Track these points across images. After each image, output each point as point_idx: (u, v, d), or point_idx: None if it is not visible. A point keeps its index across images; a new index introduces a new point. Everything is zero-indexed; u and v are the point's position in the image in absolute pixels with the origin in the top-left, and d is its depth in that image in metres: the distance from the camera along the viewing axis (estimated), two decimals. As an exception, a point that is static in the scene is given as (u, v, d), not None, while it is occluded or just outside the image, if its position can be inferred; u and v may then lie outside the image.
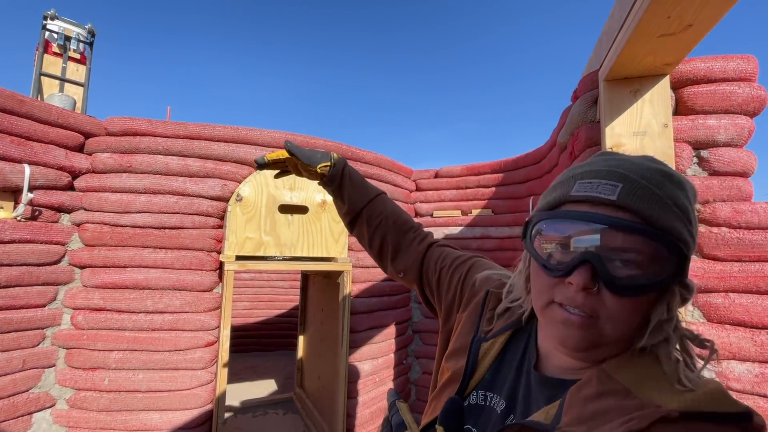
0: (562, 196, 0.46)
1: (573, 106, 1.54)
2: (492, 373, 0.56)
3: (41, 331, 1.93)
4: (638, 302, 0.42)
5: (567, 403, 0.42)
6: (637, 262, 0.41)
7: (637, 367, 0.42)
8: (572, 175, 0.48)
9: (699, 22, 0.93)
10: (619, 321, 0.42)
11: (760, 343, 1.10)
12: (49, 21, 3.46)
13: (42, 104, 1.94)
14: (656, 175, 0.43)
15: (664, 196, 0.42)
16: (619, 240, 0.41)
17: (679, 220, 0.42)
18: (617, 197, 0.42)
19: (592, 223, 0.42)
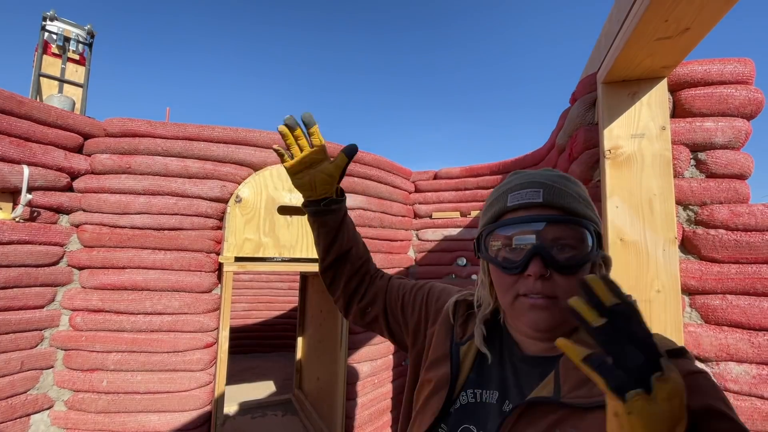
0: (501, 209, 0.58)
1: (571, 108, 1.55)
2: (476, 372, 0.62)
3: (40, 332, 1.92)
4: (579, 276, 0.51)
5: (562, 375, 0.50)
6: (570, 245, 0.54)
7: None
8: (503, 191, 0.59)
9: (696, 25, 0.93)
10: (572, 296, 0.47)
11: (757, 345, 1.11)
12: (48, 22, 3.46)
13: (41, 105, 1.94)
14: (560, 179, 0.57)
15: (572, 192, 0.56)
16: (554, 231, 0.53)
17: (587, 207, 0.56)
18: (543, 199, 0.54)
19: (532, 223, 0.54)
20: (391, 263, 2.83)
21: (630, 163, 1.22)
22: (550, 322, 0.53)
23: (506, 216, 0.57)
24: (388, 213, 2.86)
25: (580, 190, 0.58)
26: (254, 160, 2.31)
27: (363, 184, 2.67)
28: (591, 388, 0.46)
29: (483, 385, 0.59)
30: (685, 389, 0.38)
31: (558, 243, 0.53)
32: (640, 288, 1.18)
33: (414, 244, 3.14)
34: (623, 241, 1.20)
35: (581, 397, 0.46)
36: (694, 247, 1.20)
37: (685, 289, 1.19)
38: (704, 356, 1.15)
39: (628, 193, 1.22)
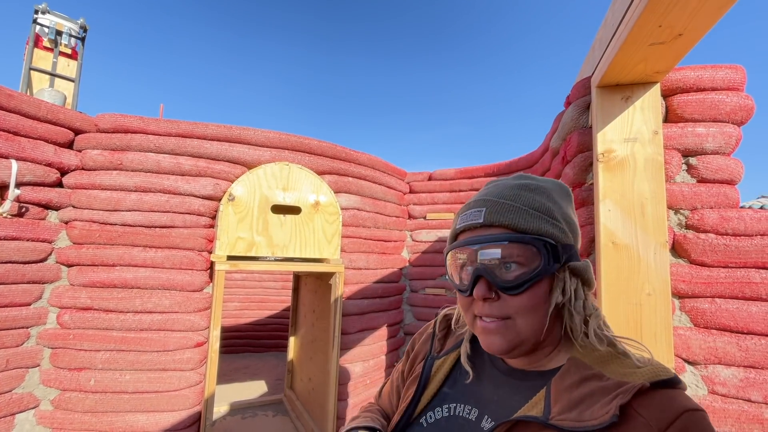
0: (454, 231, 0.57)
1: (566, 111, 1.56)
2: (450, 386, 0.60)
3: (26, 330, 1.89)
4: (535, 294, 0.50)
5: (553, 394, 0.48)
6: (518, 263, 0.51)
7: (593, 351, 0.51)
8: (458, 212, 0.58)
9: (689, 31, 0.94)
10: (526, 314, 0.50)
11: (745, 348, 1.12)
12: (40, 15, 3.40)
13: (31, 99, 1.91)
14: (513, 191, 0.54)
15: (520, 206, 0.52)
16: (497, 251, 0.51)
17: (539, 219, 0.52)
18: (483, 219, 0.52)
19: (471, 245, 0.53)
20: (384, 264, 2.82)
21: (623, 167, 1.23)
22: (503, 345, 0.51)
23: (459, 237, 0.57)
24: (382, 213, 2.86)
25: (539, 200, 0.53)
26: (248, 159, 2.30)
27: (357, 184, 2.67)
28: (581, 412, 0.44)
29: (458, 399, 0.57)
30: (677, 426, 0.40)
31: (503, 261, 0.51)
32: (631, 291, 1.18)
33: (408, 244, 3.14)
34: (615, 244, 1.21)
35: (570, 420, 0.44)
36: (684, 251, 1.21)
37: (675, 292, 1.20)
38: (693, 359, 1.16)
39: (620, 196, 1.23)
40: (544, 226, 0.52)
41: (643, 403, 0.42)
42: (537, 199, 0.54)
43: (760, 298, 1.14)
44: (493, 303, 0.51)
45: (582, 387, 0.46)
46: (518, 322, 0.51)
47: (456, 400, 0.57)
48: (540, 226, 0.52)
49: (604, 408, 0.43)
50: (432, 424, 0.57)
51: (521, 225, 0.51)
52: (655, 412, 0.42)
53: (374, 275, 2.73)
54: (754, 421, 1.09)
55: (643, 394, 0.43)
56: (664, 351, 1.15)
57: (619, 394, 0.43)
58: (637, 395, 0.43)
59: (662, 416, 0.41)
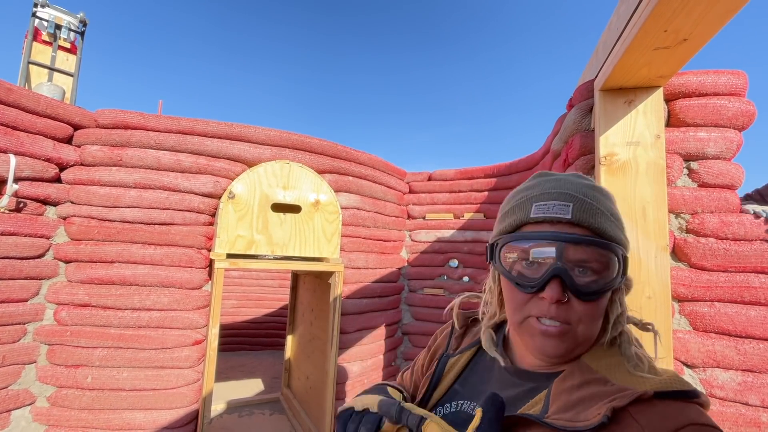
0: (523, 219, 0.52)
1: (568, 114, 1.56)
2: (461, 384, 0.60)
3: (23, 326, 1.88)
4: (599, 303, 0.50)
5: (553, 394, 0.48)
6: (594, 270, 0.49)
7: (608, 357, 0.50)
8: (526, 198, 0.53)
9: (694, 37, 0.95)
10: (588, 323, 0.49)
11: (743, 352, 1.13)
12: (39, 8, 3.38)
13: (30, 93, 1.90)
14: (592, 191, 0.51)
15: (603, 209, 0.50)
16: (579, 253, 0.49)
17: (617, 227, 0.51)
18: (572, 215, 0.49)
19: (556, 240, 0.49)
20: (383, 263, 2.82)
21: (625, 171, 1.24)
22: (560, 350, 0.49)
23: (527, 227, 0.52)
24: (381, 213, 2.86)
25: (612, 207, 0.52)
26: (248, 157, 2.29)
27: (357, 184, 2.67)
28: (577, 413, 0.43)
29: (465, 397, 0.58)
30: None
31: (581, 266, 0.49)
32: (631, 294, 1.18)
33: (407, 244, 3.15)
34: (616, 248, 1.21)
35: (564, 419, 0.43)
36: (685, 255, 1.22)
37: (675, 296, 1.21)
38: (692, 363, 1.17)
39: (622, 199, 1.23)
40: (620, 235, 0.51)
41: (643, 410, 0.40)
42: (611, 205, 0.52)
43: (759, 302, 1.15)
44: (560, 306, 0.48)
45: (582, 389, 0.46)
46: (578, 330, 0.49)
47: (464, 398, 0.58)
48: (618, 235, 0.50)
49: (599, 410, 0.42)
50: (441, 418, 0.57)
51: (607, 231, 0.49)
52: (653, 419, 0.39)
53: (373, 275, 2.73)
54: (751, 425, 1.10)
55: (645, 402, 0.41)
56: (663, 354, 1.16)
57: (615, 398, 0.42)
58: (638, 403, 0.41)
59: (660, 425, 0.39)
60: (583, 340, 0.50)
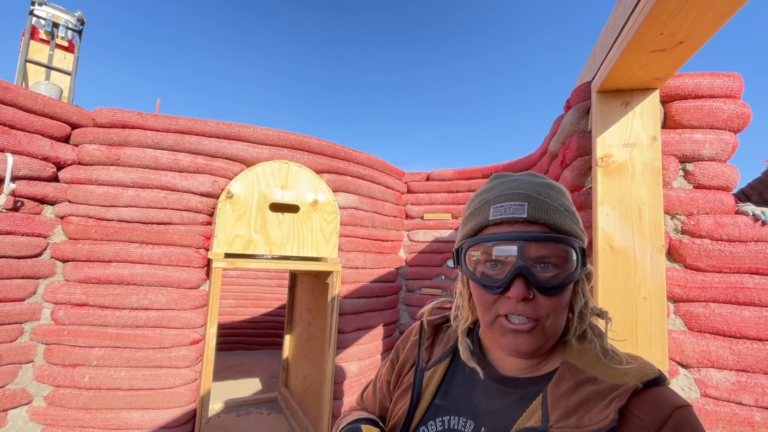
0: (482, 222, 0.54)
1: (565, 115, 1.57)
2: (442, 397, 0.58)
3: (20, 325, 1.87)
4: (563, 296, 0.51)
5: (550, 402, 0.48)
6: (555, 264, 0.50)
7: (586, 353, 0.52)
8: (485, 201, 0.55)
9: (690, 39, 0.96)
10: (555, 316, 0.51)
11: (737, 352, 1.14)
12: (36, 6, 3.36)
13: (27, 92, 1.89)
14: (545, 189, 0.53)
15: (557, 205, 0.52)
16: (539, 249, 0.50)
17: (572, 221, 0.53)
18: (527, 214, 0.50)
19: (515, 239, 0.50)
20: (381, 263, 2.83)
21: (621, 172, 1.25)
22: (532, 346, 0.51)
23: (488, 230, 0.53)
24: (380, 213, 2.86)
25: (566, 202, 0.54)
26: (247, 156, 2.29)
27: (356, 184, 2.67)
28: (580, 417, 0.44)
29: (450, 411, 0.56)
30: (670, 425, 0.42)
31: (542, 262, 0.50)
32: (627, 294, 1.20)
33: (405, 244, 3.15)
34: (612, 248, 1.22)
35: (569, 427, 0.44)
36: (680, 255, 1.23)
37: (670, 296, 1.22)
38: (686, 362, 1.18)
39: (618, 201, 1.24)
40: (575, 228, 0.53)
41: (637, 404, 0.44)
42: (565, 200, 0.54)
43: (753, 303, 1.16)
44: (526, 303, 0.50)
45: (578, 392, 0.47)
46: (547, 324, 0.51)
47: (449, 413, 0.56)
48: (574, 228, 0.52)
49: (603, 412, 0.43)
50: None
51: (563, 225, 0.51)
52: (649, 412, 0.43)
53: (371, 275, 2.73)
54: (744, 424, 1.11)
55: (636, 395, 0.45)
56: (658, 354, 1.17)
57: (615, 398, 0.44)
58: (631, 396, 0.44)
59: (656, 416, 0.43)
60: (551, 334, 0.52)
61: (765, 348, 1.13)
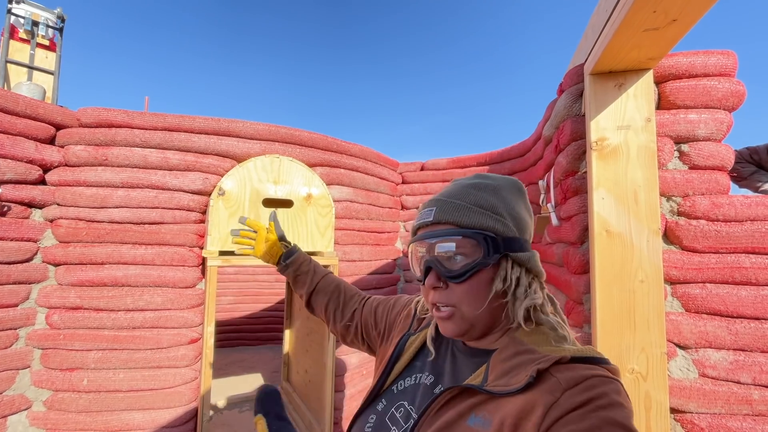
0: (414, 226, 0.65)
1: (558, 99, 1.55)
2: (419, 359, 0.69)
3: (14, 331, 1.85)
4: (476, 283, 0.57)
5: (491, 366, 0.56)
6: (462, 254, 0.57)
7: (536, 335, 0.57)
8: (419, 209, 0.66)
9: (683, 17, 0.93)
10: (470, 301, 0.57)
11: (735, 332, 1.14)
12: (14, 4, 3.26)
13: (8, 93, 1.84)
14: (464, 190, 0.61)
15: (465, 204, 0.59)
16: (443, 245, 0.58)
17: (481, 215, 0.58)
18: (433, 218, 0.60)
19: (424, 240, 0.61)
20: (378, 255, 2.82)
21: (616, 155, 1.23)
22: (455, 329, 0.59)
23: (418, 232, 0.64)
24: (375, 205, 2.84)
25: (486, 198, 0.60)
26: (237, 152, 2.26)
27: (349, 176, 2.64)
28: (509, 378, 0.51)
29: (422, 371, 0.66)
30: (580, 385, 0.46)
31: (449, 254, 0.58)
32: (624, 278, 1.19)
33: (401, 235, 3.14)
34: (608, 232, 1.21)
35: (500, 385, 0.51)
36: (677, 237, 1.22)
37: (667, 278, 1.21)
38: (684, 344, 1.18)
39: (613, 184, 1.23)
40: (485, 221, 0.58)
41: (561, 369, 0.49)
42: (483, 196, 0.60)
43: (750, 282, 1.16)
44: (442, 291, 0.59)
45: (514, 359, 0.54)
46: (463, 309, 0.58)
47: (421, 371, 0.66)
48: (481, 222, 0.58)
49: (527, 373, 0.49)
50: (401, 390, 0.65)
51: (465, 221, 0.58)
52: (568, 375, 0.48)
53: (368, 267, 2.73)
54: (743, 402, 1.11)
55: (563, 365, 0.49)
56: (656, 336, 1.17)
57: (540, 362, 0.50)
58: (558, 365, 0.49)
59: (572, 378, 0.47)
60: (475, 318, 0.58)
61: (762, 327, 1.13)
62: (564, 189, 1.44)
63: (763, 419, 1.11)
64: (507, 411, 0.48)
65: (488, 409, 0.50)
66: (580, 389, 0.46)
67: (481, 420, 0.50)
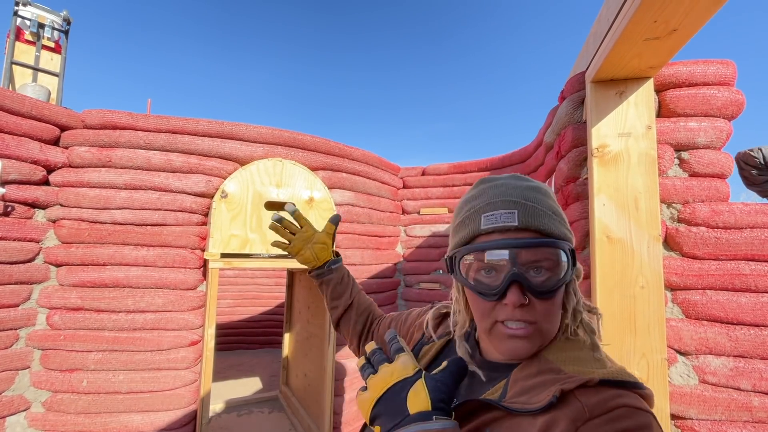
0: (474, 231, 0.55)
1: (560, 106, 1.56)
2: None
3: (15, 331, 1.85)
4: (556, 298, 0.53)
5: (512, 382, 0.52)
6: (547, 268, 0.52)
7: (566, 351, 0.53)
8: (474, 209, 0.56)
9: (683, 27, 0.95)
10: (551, 319, 0.53)
11: (735, 339, 1.15)
12: (21, 7, 3.29)
13: (14, 94, 1.86)
14: (533, 193, 0.55)
15: (545, 209, 0.54)
16: (531, 255, 0.52)
17: (560, 223, 0.54)
18: (518, 222, 0.52)
19: (508, 248, 0.52)
20: (378, 259, 2.82)
21: (617, 162, 1.25)
22: (531, 350, 0.53)
23: (480, 239, 0.55)
24: (376, 209, 2.85)
25: (553, 204, 0.56)
26: (240, 155, 2.27)
27: (351, 180, 2.66)
28: (531, 397, 0.47)
29: None
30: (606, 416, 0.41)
31: (534, 266, 0.52)
32: (625, 284, 1.20)
33: (402, 239, 3.15)
34: (609, 238, 1.22)
35: (519, 402, 0.47)
36: (677, 244, 1.23)
37: (668, 284, 1.22)
38: (685, 350, 1.19)
39: (614, 190, 1.24)
40: (564, 231, 0.54)
41: (588, 394, 0.44)
42: (551, 202, 0.56)
43: (750, 289, 1.16)
44: (523, 308, 0.51)
45: (537, 377, 0.50)
46: (543, 326, 0.52)
47: None
48: (562, 231, 0.54)
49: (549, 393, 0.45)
50: None
51: (553, 230, 0.52)
52: (593, 400, 0.43)
53: (369, 271, 2.73)
54: (743, 409, 1.12)
55: (591, 388, 0.45)
56: (656, 342, 1.17)
57: (565, 383, 0.46)
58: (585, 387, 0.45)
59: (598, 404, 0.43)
60: (547, 336, 0.54)
61: (762, 333, 1.14)
62: (565, 195, 1.45)
63: (763, 426, 1.11)
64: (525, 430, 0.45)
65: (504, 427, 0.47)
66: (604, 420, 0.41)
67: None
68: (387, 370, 0.51)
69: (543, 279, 0.52)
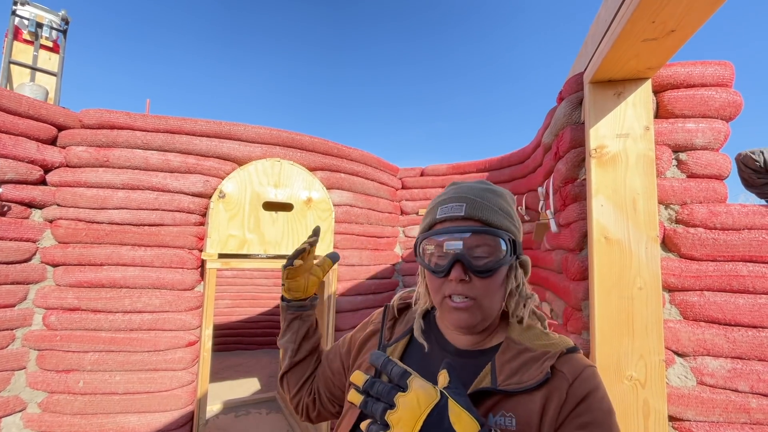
0: (432, 220, 0.66)
1: (558, 107, 1.56)
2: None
3: (11, 332, 1.84)
4: (497, 279, 0.62)
5: (497, 367, 0.60)
6: (487, 252, 0.62)
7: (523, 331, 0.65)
8: (435, 204, 0.68)
9: (681, 27, 0.95)
10: (490, 295, 0.62)
11: (732, 340, 1.15)
12: (19, 6, 3.29)
13: (12, 94, 1.85)
14: (484, 192, 0.66)
15: (491, 205, 0.64)
16: (473, 240, 0.62)
17: (504, 218, 0.64)
18: (464, 212, 0.63)
19: (454, 233, 0.62)
20: (377, 260, 2.82)
21: (615, 163, 1.24)
22: (470, 321, 0.62)
23: (436, 226, 0.66)
24: (374, 209, 2.85)
25: (501, 203, 0.66)
26: (238, 155, 2.26)
27: (350, 181, 2.65)
28: (521, 376, 0.57)
29: None
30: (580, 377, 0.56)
31: (476, 250, 0.61)
32: (623, 285, 1.20)
33: (401, 240, 3.14)
34: (607, 239, 1.22)
35: (513, 383, 0.56)
36: (675, 245, 1.23)
37: (666, 286, 1.22)
38: (682, 351, 1.19)
39: (612, 191, 1.24)
40: (507, 224, 0.64)
41: (561, 363, 0.58)
42: (500, 201, 0.66)
43: (747, 290, 1.16)
44: (465, 284, 0.61)
45: (518, 359, 0.59)
46: (483, 303, 0.62)
47: None
48: (505, 223, 0.64)
49: (538, 369, 0.57)
50: None
51: (494, 221, 0.63)
52: (569, 368, 0.57)
53: (367, 271, 2.73)
54: (740, 411, 1.12)
55: (560, 357, 0.59)
56: (654, 343, 1.17)
57: (548, 358, 0.58)
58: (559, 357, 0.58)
59: (574, 370, 0.57)
60: (488, 312, 0.63)
61: (759, 335, 1.13)
62: (563, 196, 1.45)
63: (761, 428, 1.11)
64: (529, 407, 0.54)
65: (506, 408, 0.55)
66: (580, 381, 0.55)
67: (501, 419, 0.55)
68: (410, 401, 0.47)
69: (483, 261, 0.61)
